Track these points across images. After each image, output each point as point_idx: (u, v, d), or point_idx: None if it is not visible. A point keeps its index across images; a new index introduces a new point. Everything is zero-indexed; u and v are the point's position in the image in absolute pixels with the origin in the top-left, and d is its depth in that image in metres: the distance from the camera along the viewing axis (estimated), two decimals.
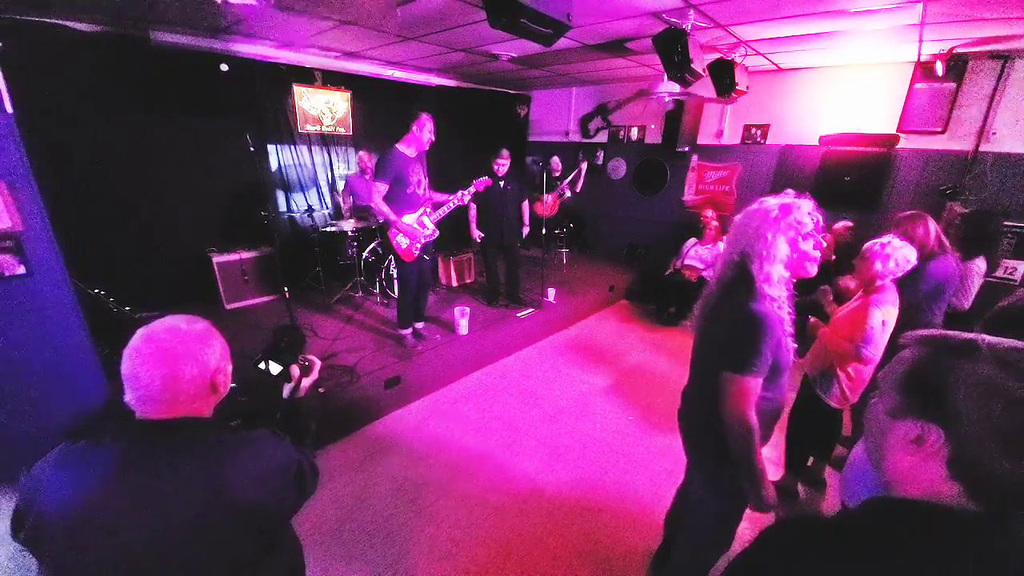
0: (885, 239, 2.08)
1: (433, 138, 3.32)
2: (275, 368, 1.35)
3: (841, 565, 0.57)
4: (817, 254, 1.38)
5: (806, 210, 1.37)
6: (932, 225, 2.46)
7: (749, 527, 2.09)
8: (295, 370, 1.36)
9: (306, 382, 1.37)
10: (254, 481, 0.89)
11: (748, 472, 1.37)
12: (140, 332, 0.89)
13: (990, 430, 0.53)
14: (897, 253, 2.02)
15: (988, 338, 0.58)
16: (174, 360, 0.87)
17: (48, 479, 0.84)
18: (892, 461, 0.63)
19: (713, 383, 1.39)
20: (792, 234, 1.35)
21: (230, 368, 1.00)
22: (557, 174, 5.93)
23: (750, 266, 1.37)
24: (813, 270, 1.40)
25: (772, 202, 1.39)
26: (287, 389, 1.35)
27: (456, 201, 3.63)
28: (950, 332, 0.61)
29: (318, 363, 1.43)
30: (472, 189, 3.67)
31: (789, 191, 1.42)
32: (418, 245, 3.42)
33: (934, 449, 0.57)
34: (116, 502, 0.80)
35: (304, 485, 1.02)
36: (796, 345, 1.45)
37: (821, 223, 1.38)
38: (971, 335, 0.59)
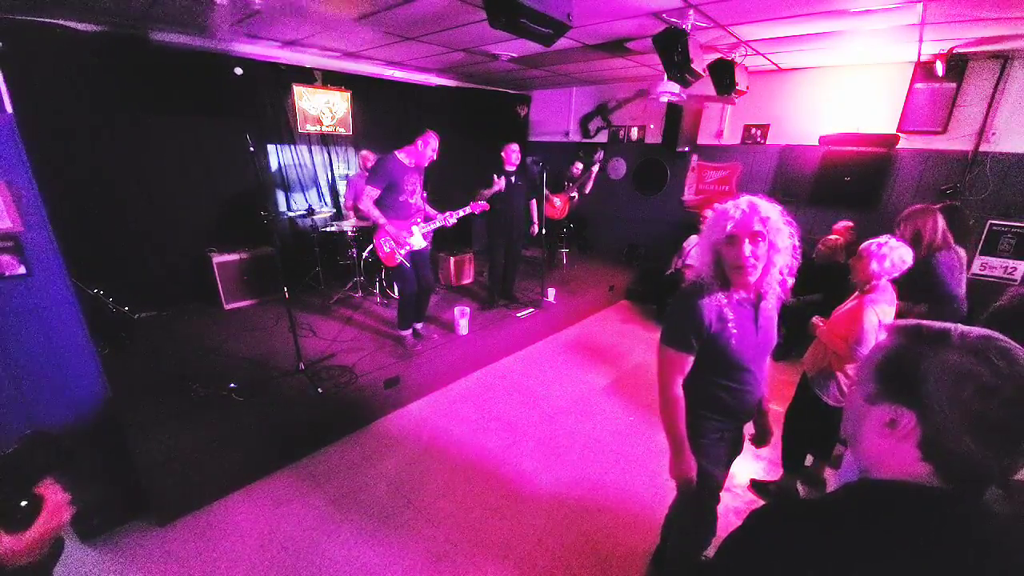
0: (883, 239, 2.08)
1: (435, 156, 3.33)
2: None
3: (820, 540, 0.60)
4: (752, 261, 1.34)
5: (735, 212, 1.34)
6: (940, 221, 2.51)
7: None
8: None
9: (7, 542, 0.70)
10: None
11: (671, 439, 1.54)
12: None
13: (960, 414, 0.56)
14: (894, 253, 2.02)
15: (961, 327, 0.61)
16: None
17: None
18: (868, 444, 0.67)
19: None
20: (714, 241, 1.39)
21: None
22: (577, 175, 5.89)
23: None
24: (743, 278, 1.37)
25: (717, 207, 1.42)
26: None
27: (441, 221, 3.59)
28: (924, 322, 0.65)
29: (58, 496, 0.77)
30: (468, 210, 3.69)
31: (748, 195, 1.40)
32: (402, 252, 3.39)
33: (906, 431, 0.61)
34: None
35: None
36: (778, 342, 1.55)
37: (753, 227, 1.32)
38: (944, 324, 0.63)
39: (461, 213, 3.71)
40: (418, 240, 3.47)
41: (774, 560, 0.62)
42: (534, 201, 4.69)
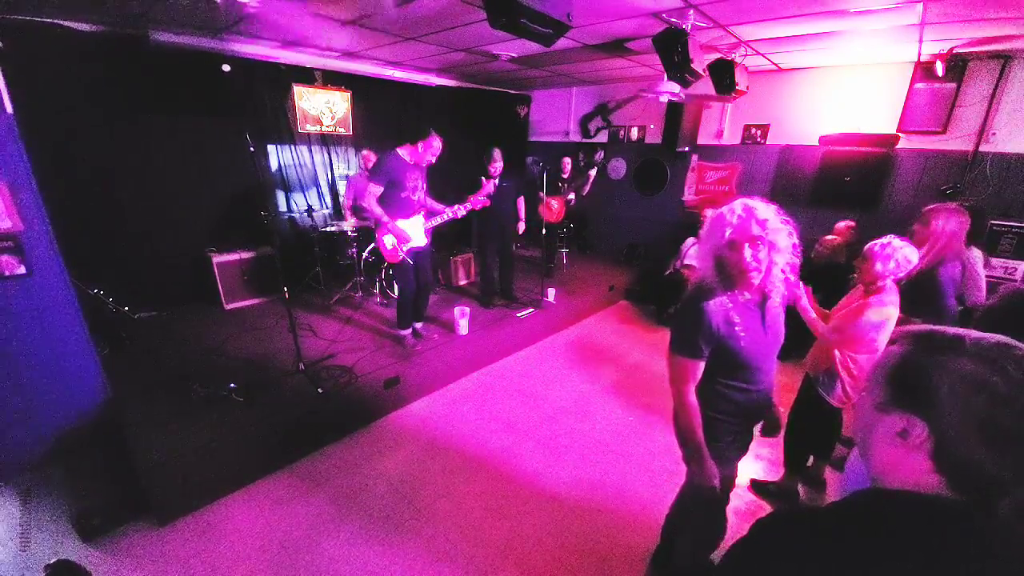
0: (886, 239, 2.08)
1: (434, 160, 3.35)
2: None
3: (829, 552, 0.59)
4: (754, 264, 1.36)
5: (731, 218, 1.35)
6: (967, 224, 2.39)
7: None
8: None
9: None
10: None
11: (689, 447, 1.53)
12: None
13: (973, 424, 0.55)
14: (897, 253, 2.02)
15: (973, 334, 0.60)
16: None
17: None
18: (878, 453, 0.65)
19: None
20: (714, 246, 1.40)
21: None
22: (566, 176, 5.91)
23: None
24: (747, 281, 1.40)
25: (709, 213, 1.45)
26: None
27: (451, 214, 3.64)
28: (937, 328, 0.63)
29: None
30: (468, 206, 3.72)
31: (743, 198, 1.41)
32: (404, 248, 3.39)
33: (919, 442, 0.59)
34: None
35: None
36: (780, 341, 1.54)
37: (752, 231, 1.33)
38: (958, 331, 0.61)
39: (468, 206, 3.73)
40: (421, 236, 3.48)
41: (780, 567, 0.61)
42: (521, 199, 4.72)
